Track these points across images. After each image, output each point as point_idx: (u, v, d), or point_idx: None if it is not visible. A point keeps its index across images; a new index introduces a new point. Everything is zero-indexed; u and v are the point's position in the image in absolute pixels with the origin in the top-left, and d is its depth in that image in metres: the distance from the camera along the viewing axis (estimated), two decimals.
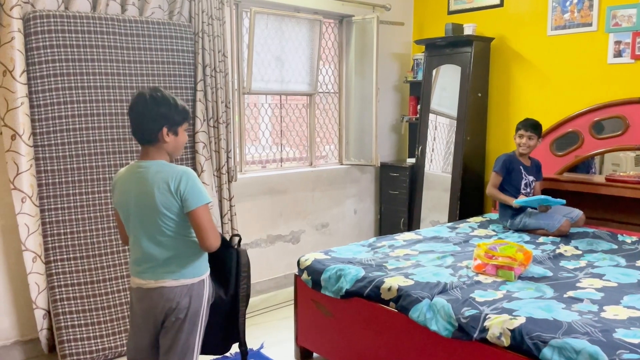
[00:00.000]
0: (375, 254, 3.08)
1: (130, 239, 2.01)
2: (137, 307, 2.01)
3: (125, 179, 1.97)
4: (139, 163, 1.95)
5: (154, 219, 1.91)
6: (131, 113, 1.93)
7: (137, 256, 1.99)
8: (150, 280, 1.96)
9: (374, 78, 4.49)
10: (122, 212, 1.99)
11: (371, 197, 4.95)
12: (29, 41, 2.83)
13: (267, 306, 3.96)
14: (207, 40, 3.49)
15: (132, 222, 1.96)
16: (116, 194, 2.00)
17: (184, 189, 1.88)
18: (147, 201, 1.90)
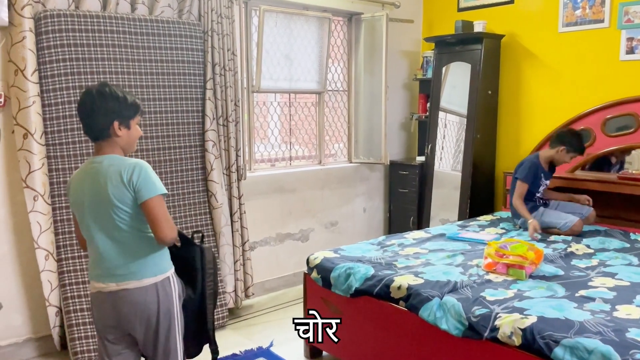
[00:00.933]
0: (385, 253, 3.07)
1: (87, 240, 1.94)
2: (99, 314, 1.95)
3: (79, 177, 1.92)
4: (93, 159, 1.90)
5: (108, 213, 1.85)
6: (80, 110, 1.87)
7: (94, 257, 1.92)
8: (111, 283, 1.89)
9: (383, 76, 4.47)
10: (78, 211, 1.92)
11: (380, 195, 4.94)
12: (40, 40, 2.85)
13: (276, 304, 3.96)
14: (217, 39, 3.49)
15: (87, 220, 1.89)
16: (71, 194, 1.94)
17: (136, 179, 1.83)
18: (101, 195, 1.84)
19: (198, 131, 3.51)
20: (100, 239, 1.89)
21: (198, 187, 3.54)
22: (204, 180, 3.56)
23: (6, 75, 2.85)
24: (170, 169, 3.39)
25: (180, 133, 3.42)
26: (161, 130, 3.33)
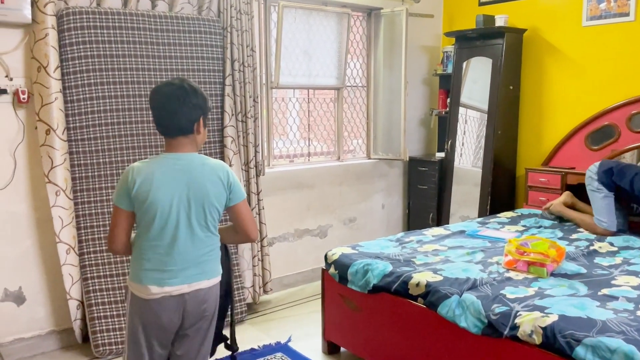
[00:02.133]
0: (404, 249, 3.05)
1: (156, 241, 1.81)
2: (156, 320, 1.83)
3: (162, 174, 1.80)
4: (176, 155, 1.84)
5: (203, 212, 1.83)
6: (166, 103, 1.80)
7: (164, 260, 1.82)
8: (183, 285, 1.84)
9: (402, 71, 4.44)
10: (160, 209, 1.79)
11: (399, 191, 4.91)
12: (62, 37, 2.89)
13: (294, 300, 3.97)
14: (236, 35, 3.50)
15: (172, 220, 1.80)
16: (151, 191, 1.78)
17: (232, 181, 1.90)
18: (199, 195, 1.82)
19: (217, 127, 3.53)
20: (183, 238, 1.82)
21: None
22: None
23: (29, 72, 2.89)
24: None
25: None
26: None
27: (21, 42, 2.87)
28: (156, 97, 1.84)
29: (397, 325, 2.60)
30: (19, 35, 2.87)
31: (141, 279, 1.82)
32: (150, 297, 1.81)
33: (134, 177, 1.79)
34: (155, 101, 1.84)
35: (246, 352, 3.09)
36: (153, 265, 1.82)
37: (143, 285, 1.82)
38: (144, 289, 1.81)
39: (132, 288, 1.86)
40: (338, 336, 2.99)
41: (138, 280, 1.83)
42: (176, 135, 1.84)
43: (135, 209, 1.82)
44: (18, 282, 2.96)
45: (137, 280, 1.83)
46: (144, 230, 1.83)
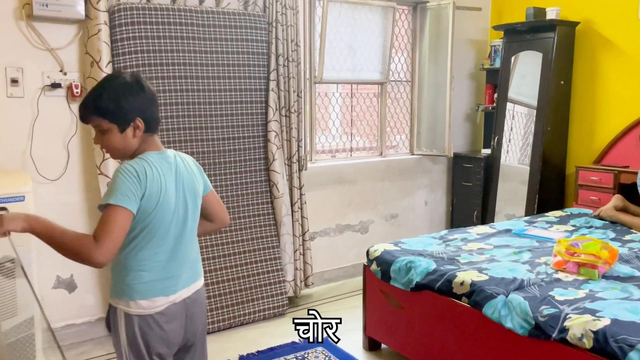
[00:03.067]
0: (447, 247, 3.00)
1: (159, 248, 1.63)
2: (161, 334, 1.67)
3: (164, 175, 1.62)
4: (162, 154, 1.66)
5: (196, 210, 1.74)
6: (148, 99, 1.61)
7: (167, 266, 1.66)
8: (184, 289, 1.72)
9: (448, 66, 4.36)
10: (167, 214, 1.62)
11: (443, 188, 4.83)
12: (113, 33, 2.97)
13: (335, 295, 3.97)
14: (281, 30, 3.51)
15: (175, 223, 1.65)
16: (161, 195, 1.59)
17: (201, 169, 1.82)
18: (191, 192, 1.71)
19: (261, 122, 3.55)
20: (184, 241, 1.70)
21: (260, 177, 3.59)
22: (265, 170, 3.61)
23: (83, 66, 2.99)
24: (233, 158, 3.45)
25: (243, 123, 3.48)
26: (225, 120, 3.40)
27: (75, 38, 2.97)
28: (147, 92, 1.61)
29: (440, 324, 2.56)
30: (73, 31, 2.97)
31: (142, 292, 1.62)
32: (153, 310, 1.63)
33: (145, 179, 1.55)
34: (150, 95, 1.62)
35: (287, 346, 3.11)
36: (154, 275, 1.63)
37: (146, 300, 1.62)
38: (146, 303, 1.62)
39: (125, 307, 1.63)
40: (379, 332, 2.98)
41: (137, 295, 1.61)
42: (154, 131, 1.66)
43: (135, 219, 1.55)
44: (69, 270, 3.08)
45: (136, 295, 1.61)
46: (145, 239, 1.60)
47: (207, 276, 3.31)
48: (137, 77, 1.62)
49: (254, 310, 3.44)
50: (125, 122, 1.57)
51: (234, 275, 3.42)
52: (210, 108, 3.33)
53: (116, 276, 1.65)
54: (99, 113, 1.57)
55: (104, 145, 1.63)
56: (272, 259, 3.58)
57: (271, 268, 3.57)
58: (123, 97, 1.56)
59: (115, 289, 1.65)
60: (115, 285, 1.65)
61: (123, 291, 1.63)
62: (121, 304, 1.63)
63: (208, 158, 3.34)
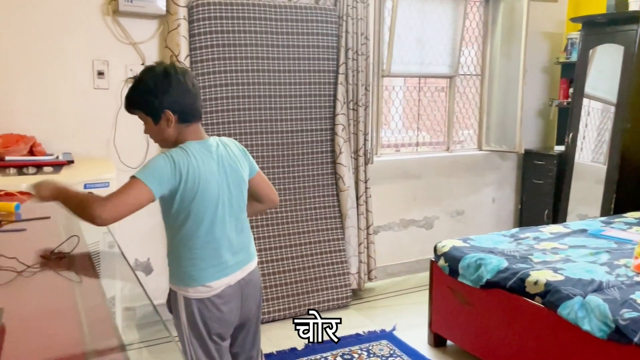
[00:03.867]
0: (519, 246, 2.93)
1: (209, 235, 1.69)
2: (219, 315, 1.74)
3: (204, 164, 1.65)
4: (203, 143, 1.70)
5: (241, 193, 1.78)
6: (187, 89, 1.66)
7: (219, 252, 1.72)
8: (237, 271, 1.77)
9: (521, 59, 4.22)
10: (211, 202, 1.67)
11: (512, 185, 4.70)
12: (192, 27, 3.08)
13: (398, 289, 3.97)
14: (351, 23, 3.53)
15: (220, 210, 1.70)
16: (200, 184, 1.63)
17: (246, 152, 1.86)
18: (235, 177, 1.74)
19: (329, 115, 3.59)
20: (231, 225, 1.75)
21: (326, 170, 3.62)
22: (332, 163, 3.64)
23: (163, 60, 3.11)
24: (301, 151, 3.50)
25: (311, 116, 3.52)
26: (294, 113, 3.45)
27: (156, 32, 3.10)
28: (175, 84, 1.63)
29: (510, 323, 2.51)
30: (154, 26, 3.10)
31: (199, 279, 1.69)
32: (210, 293, 1.70)
33: (182, 169, 1.59)
34: (181, 86, 1.64)
35: (351, 337, 3.14)
36: (208, 262, 1.70)
37: (202, 285, 1.70)
38: (203, 288, 1.70)
39: (184, 292, 1.71)
40: (445, 329, 2.95)
41: (194, 282, 1.69)
42: (198, 121, 1.72)
43: (178, 207, 1.64)
44: (147, 254, 3.23)
45: (193, 282, 1.69)
46: (192, 227, 1.66)
47: (273, 265, 3.39)
48: (167, 70, 1.64)
49: (319, 301, 3.49)
50: (156, 115, 1.64)
51: (300, 265, 3.48)
52: (280, 101, 3.39)
53: (172, 263, 1.75)
54: (134, 106, 1.67)
55: (148, 135, 1.72)
56: (337, 251, 3.61)
57: (335, 260, 3.60)
58: (151, 92, 1.61)
59: (173, 275, 1.75)
60: (173, 272, 1.75)
61: (180, 278, 1.72)
62: (180, 289, 1.73)
63: (276, 150, 3.41)
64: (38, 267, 1.33)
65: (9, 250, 1.41)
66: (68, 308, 1.19)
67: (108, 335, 1.11)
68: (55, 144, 2.89)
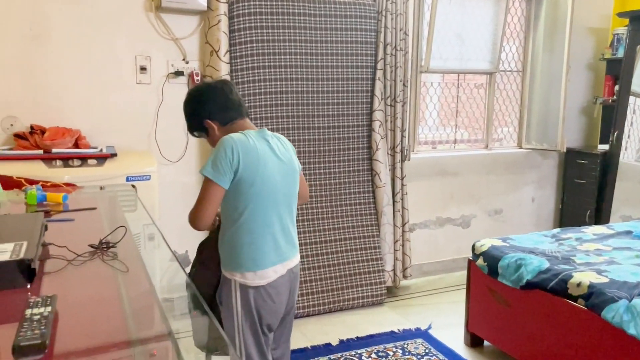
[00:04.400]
0: (561, 246, 2.86)
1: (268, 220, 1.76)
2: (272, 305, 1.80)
3: (262, 150, 1.74)
4: (261, 133, 1.80)
5: (294, 184, 1.86)
6: (232, 91, 1.85)
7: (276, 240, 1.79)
8: (287, 261, 1.83)
9: (564, 55, 4.11)
10: (271, 188, 1.75)
11: (552, 184, 4.59)
12: (232, 23, 3.11)
13: (433, 288, 3.93)
14: (390, 19, 3.50)
15: (278, 198, 1.77)
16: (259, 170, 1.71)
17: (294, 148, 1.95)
18: (289, 167, 1.82)
19: (366, 111, 3.57)
20: (285, 215, 1.81)
21: (363, 166, 3.61)
22: (368, 159, 3.62)
23: (203, 55, 3.16)
24: (337, 147, 3.50)
25: (348, 112, 3.51)
26: (331, 109, 3.45)
27: (197, 28, 3.15)
28: (205, 97, 1.83)
29: (551, 325, 2.45)
30: (195, 22, 3.14)
31: (256, 264, 1.75)
32: (266, 281, 1.76)
33: (238, 155, 1.67)
34: (211, 95, 1.83)
35: (386, 334, 3.13)
36: (265, 248, 1.76)
37: (262, 271, 1.75)
38: (263, 274, 1.75)
39: (241, 278, 1.75)
40: (483, 329, 2.90)
41: (253, 267, 1.74)
42: (243, 115, 1.85)
43: (238, 193, 1.71)
44: (185, 246, 3.29)
45: (252, 267, 1.74)
46: (254, 212, 1.72)
47: (308, 260, 3.40)
48: (191, 94, 1.87)
49: (353, 297, 3.49)
50: (201, 129, 1.86)
51: (335, 261, 3.48)
52: (317, 97, 3.40)
53: (230, 249, 1.77)
54: (191, 131, 1.91)
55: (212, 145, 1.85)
56: (372, 248, 3.60)
57: (371, 257, 3.59)
58: (191, 114, 1.86)
59: (229, 262, 1.78)
60: (229, 259, 1.77)
61: (238, 264, 1.75)
62: (237, 276, 1.75)
63: (313, 146, 3.42)
64: (87, 256, 1.37)
65: (59, 239, 1.46)
66: (116, 296, 1.22)
67: (156, 323, 1.13)
68: (99, 137, 2.96)
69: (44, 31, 2.82)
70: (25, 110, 2.83)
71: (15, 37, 2.77)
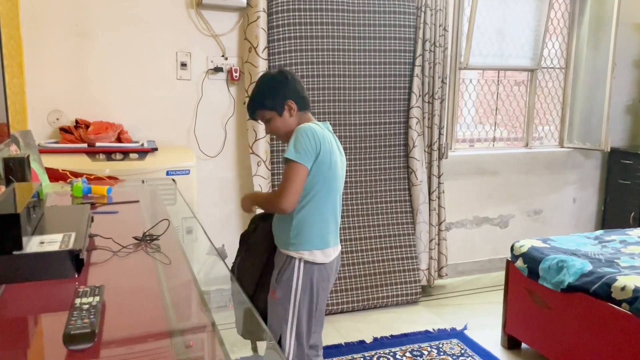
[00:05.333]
0: (604, 249, 2.77)
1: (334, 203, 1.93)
2: (327, 283, 1.97)
3: (329, 139, 1.89)
4: (325, 125, 1.94)
5: (344, 175, 2.00)
6: (296, 80, 1.95)
7: (335, 222, 1.96)
8: (338, 245, 2.01)
9: (610, 52, 3.98)
10: (338, 173, 1.91)
11: (595, 185, 4.45)
12: (270, 20, 3.12)
13: (469, 288, 3.87)
14: (429, 15, 3.45)
15: (340, 184, 1.94)
16: (332, 155, 1.86)
17: None
18: (343, 159, 1.99)
19: (403, 108, 3.54)
20: (340, 201, 1.98)
21: (399, 164, 3.58)
22: (405, 156, 3.59)
23: (242, 51, 3.19)
24: (374, 143, 3.48)
25: (385, 109, 3.49)
26: (368, 106, 3.43)
27: (236, 25, 3.18)
28: (291, 78, 1.93)
29: (593, 329, 2.38)
30: (235, 18, 3.17)
31: (323, 242, 1.90)
32: (329, 259, 1.92)
33: (319, 140, 1.81)
34: (294, 80, 1.94)
35: (420, 333, 3.10)
36: (329, 227, 1.92)
37: (328, 249, 1.91)
38: (328, 252, 1.92)
39: (310, 256, 1.88)
40: (521, 331, 2.85)
41: (324, 245, 1.90)
42: (308, 109, 1.98)
43: (315, 174, 1.83)
44: (222, 239, 3.33)
45: (323, 244, 1.90)
46: (324, 192, 1.86)
47: (343, 257, 3.40)
48: (280, 70, 1.97)
49: (388, 295, 3.47)
50: (280, 107, 1.90)
51: (370, 259, 3.47)
52: (355, 93, 3.38)
53: (299, 228, 1.87)
54: (260, 107, 1.93)
55: (272, 132, 1.96)
56: (407, 246, 3.57)
57: (406, 255, 3.56)
58: (273, 88, 1.90)
59: (297, 240, 1.88)
60: (298, 237, 1.87)
61: (309, 241, 1.88)
62: (305, 254, 1.88)
63: (350, 142, 3.41)
64: (132, 248, 1.40)
65: (104, 231, 1.50)
66: (159, 287, 1.24)
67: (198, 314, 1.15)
68: (140, 132, 3.03)
69: (89, 28, 2.90)
70: (71, 105, 2.91)
71: (62, 34, 2.85)
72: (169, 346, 1.00)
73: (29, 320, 1.05)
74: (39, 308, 1.08)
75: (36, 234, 1.29)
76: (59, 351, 0.87)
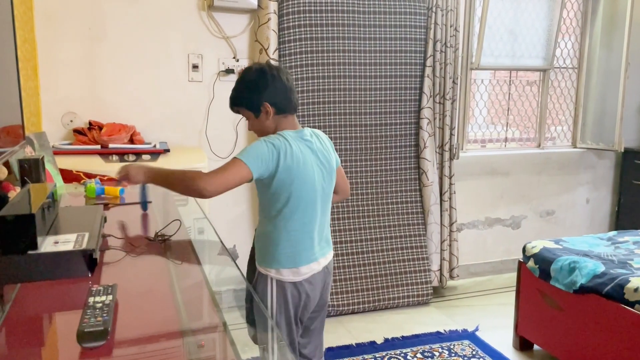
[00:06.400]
0: (617, 250, 2.75)
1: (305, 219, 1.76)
2: (306, 300, 1.83)
3: (302, 152, 1.72)
4: (299, 133, 1.77)
5: (331, 183, 1.86)
6: (285, 84, 1.77)
7: (312, 237, 1.80)
8: (322, 258, 1.85)
9: (623, 51, 3.94)
10: (310, 188, 1.75)
11: (608, 186, 4.41)
12: (281, 21, 3.14)
13: (481, 290, 3.85)
14: (440, 15, 3.45)
15: (316, 197, 1.78)
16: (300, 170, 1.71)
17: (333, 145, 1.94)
18: (327, 166, 1.82)
19: (414, 108, 3.53)
20: (321, 212, 1.82)
21: (410, 164, 3.58)
22: (416, 157, 3.59)
23: (252, 53, 3.21)
24: (384, 144, 3.48)
25: (396, 110, 3.49)
26: (378, 106, 3.43)
27: (247, 27, 3.19)
28: (271, 79, 1.74)
29: (606, 331, 2.36)
30: (246, 20, 3.19)
31: (293, 261, 1.76)
32: (302, 277, 1.79)
33: (282, 156, 1.66)
34: (276, 80, 1.75)
35: (432, 334, 3.09)
36: (302, 244, 1.77)
37: (297, 268, 1.77)
38: (298, 270, 1.77)
39: (277, 274, 1.77)
40: (533, 333, 2.83)
41: (289, 264, 1.76)
42: (294, 113, 1.81)
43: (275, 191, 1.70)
44: (233, 240, 3.35)
45: (288, 263, 1.76)
46: (291, 210, 1.73)
47: (354, 257, 3.40)
48: (263, 69, 1.77)
49: (399, 296, 3.47)
50: (256, 109, 1.75)
51: (381, 260, 3.47)
52: (365, 94, 3.39)
53: (266, 246, 1.78)
54: (236, 104, 1.80)
55: (251, 129, 1.84)
56: (418, 247, 3.57)
57: (417, 256, 3.56)
58: (249, 89, 1.75)
59: (265, 258, 1.79)
60: (266, 255, 1.79)
61: (275, 259, 1.76)
62: (272, 272, 1.77)
63: (360, 143, 3.41)
64: (144, 248, 1.42)
65: (116, 231, 1.52)
66: (171, 287, 1.26)
67: (209, 314, 1.16)
68: (152, 133, 3.06)
69: (102, 31, 2.93)
70: (84, 107, 2.95)
71: (76, 37, 2.89)
72: (180, 346, 1.01)
73: (43, 318, 1.07)
74: (53, 306, 1.10)
75: (50, 234, 1.31)
76: (73, 348, 0.89)
